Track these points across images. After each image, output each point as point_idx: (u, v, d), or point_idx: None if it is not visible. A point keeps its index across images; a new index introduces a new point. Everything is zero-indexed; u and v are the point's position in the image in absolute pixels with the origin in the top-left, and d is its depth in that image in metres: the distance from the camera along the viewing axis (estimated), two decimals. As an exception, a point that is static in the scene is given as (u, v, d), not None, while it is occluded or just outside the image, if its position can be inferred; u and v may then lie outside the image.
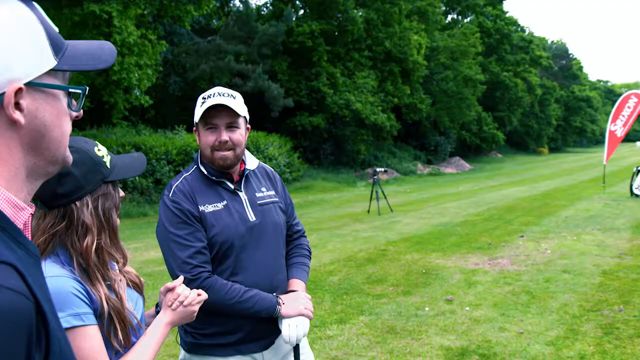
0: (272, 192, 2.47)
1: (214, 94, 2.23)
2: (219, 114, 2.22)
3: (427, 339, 5.19)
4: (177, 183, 2.28)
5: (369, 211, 14.65)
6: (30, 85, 0.89)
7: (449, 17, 45.90)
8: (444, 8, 42.35)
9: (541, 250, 8.91)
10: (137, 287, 1.80)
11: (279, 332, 2.29)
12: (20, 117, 0.87)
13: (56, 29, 0.98)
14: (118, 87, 16.33)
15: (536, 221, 11.90)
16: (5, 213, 0.87)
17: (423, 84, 33.75)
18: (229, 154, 2.25)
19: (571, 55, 73.77)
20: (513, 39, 48.77)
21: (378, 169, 15.37)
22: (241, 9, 27.06)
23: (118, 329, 1.57)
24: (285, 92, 25.20)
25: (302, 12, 29.80)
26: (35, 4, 0.94)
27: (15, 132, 0.88)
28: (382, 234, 11.11)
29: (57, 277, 1.48)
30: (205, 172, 2.30)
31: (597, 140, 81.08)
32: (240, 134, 2.28)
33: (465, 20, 46.00)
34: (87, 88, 0.99)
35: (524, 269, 7.69)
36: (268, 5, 30.96)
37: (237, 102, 2.25)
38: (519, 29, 55.05)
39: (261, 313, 2.20)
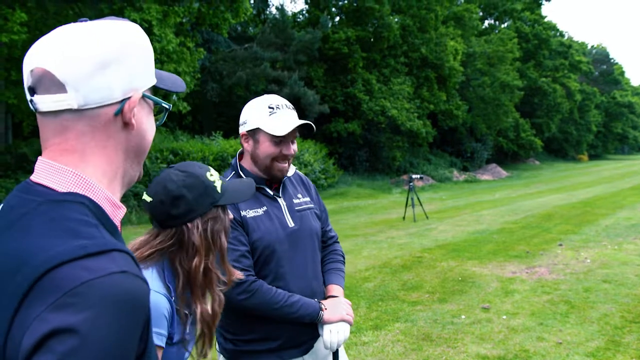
0: (308, 199, 2.49)
1: (282, 105, 2.27)
2: None
3: (463, 347, 5.15)
4: None
5: (404, 218, 14.58)
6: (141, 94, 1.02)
7: (486, 23, 45.47)
8: (480, 13, 41.97)
9: (580, 259, 8.74)
10: None
11: (317, 336, 2.31)
12: (134, 122, 0.99)
13: None
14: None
15: (575, 230, 11.67)
16: (105, 210, 0.95)
17: (459, 90, 33.50)
18: (287, 165, 2.31)
19: (612, 60, 72.27)
20: (552, 44, 48.00)
21: (413, 176, 15.29)
22: (277, 16, 27.28)
23: (206, 343, 1.66)
24: (321, 98, 25.31)
25: (337, 19, 29.91)
26: None
27: (125, 135, 0.99)
28: (418, 240, 11.05)
29: (158, 293, 1.58)
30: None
31: (639, 147, 79.10)
32: (296, 145, 2.33)
33: (503, 26, 45.52)
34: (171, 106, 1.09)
35: (563, 278, 7.56)
36: (304, 12, 31.17)
37: (296, 114, 2.32)
38: (558, 34, 54.19)
39: (304, 318, 2.21)
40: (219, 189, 1.68)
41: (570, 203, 17.02)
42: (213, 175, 1.70)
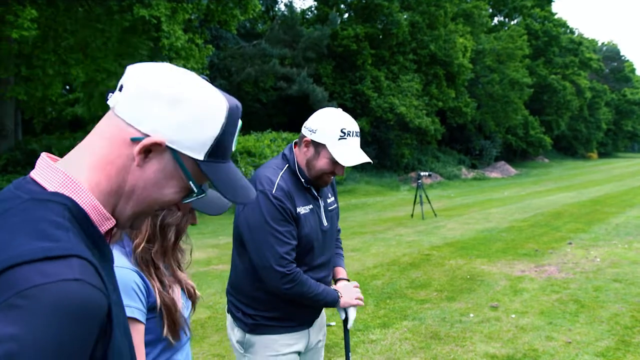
0: (333, 198, 2.75)
1: (353, 133, 2.40)
2: None
3: (472, 346, 5.13)
4: (277, 180, 2.43)
5: (412, 215, 14.55)
6: (170, 150, 0.97)
7: (495, 20, 45.22)
8: (490, 10, 41.74)
9: (590, 258, 8.69)
10: (189, 292, 1.87)
11: (319, 313, 2.70)
12: (140, 159, 0.95)
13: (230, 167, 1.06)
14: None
15: (585, 228, 11.60)
16: (90, 216, 0.93)
17: (468, 87, 33.34)
18: (332, 179, 2.56)
19: (623, 57, 71.76)
20: (562, 41, 47.71)
21: (422, 173, 15.25)
22: (286, 13, 27.26)
23: (165, 324, 1.67)
24: (329, 95, 25.28)
25: (346, 15, 29.85)
26: (239, 119, 1.05)
27: (132, 167, 0.96)
28: (426, 238, 11.02)
29: (123, 268, 1.59)
30: (302, 180, 2.49)
31: (650, 145, 78.51)
32: None
33: (512, 23, 45.24)
34: (205, 195, 1.05)
35: (572, 277, 7.52)
36: (313, 9, 31.15)
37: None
38: (568, 31, 53.85)
39: (328, 304, 2.54)
40: None
41: (580, 201, 16.93)
42: None
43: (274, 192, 2.36)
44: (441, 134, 30.41)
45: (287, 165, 2.49)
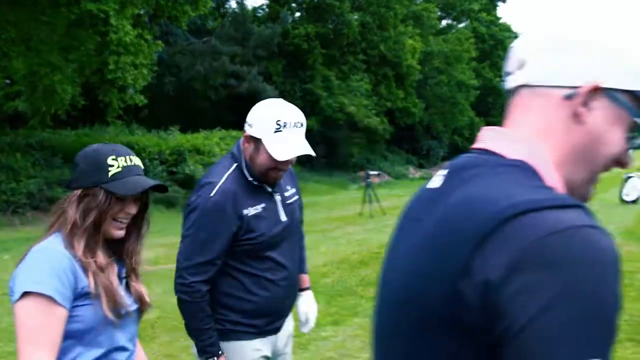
0: (294, 190, 2.60)
1: (290, 123, 2.25)
2: None
3: (420, 342, 5.23)
4: (220, 182, 2.28)
5: (361, 214, 14.70)
6: (606, 92, 0.89)
7: (444, 22, 45.99)
8: (439, 13, 42.49)
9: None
10: (140, 300, 1.92)
11: (285, 318, 2.56)
12: (583, 113, 0.89)
13: None
14: (113, 86, 16.29)
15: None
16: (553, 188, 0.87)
17: (417, 88, 33.84)
18: (281, 174, 2.37)
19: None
20: (507, 44, 48.89)
21: (370, 172, 15.42)
22: (237, 10, 27.10)
23: (105, 301, 1.70)
24: (279, 94, 25.22)
25: (298, 14, 29.89)
26: None
27: (571, 128, 0.91)
28: (375, 236, 11.15)
29: (55, 250, 1.68)
30: (250, 178, 2.33)
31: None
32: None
33: (460, 26, 46.14)
34: None
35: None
36: (264, 7, 31.02)
37: (304, 131, 2.35)
38: (513, 35, 55.32)
39: (200, 351, 2.33)
40: (110, 174, 1.73)
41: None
42: (116, 161, 1.75)
43: (211, 195, 2.23)
44: (389, 134, 30.79)
45: (235, 164, 2.34)
